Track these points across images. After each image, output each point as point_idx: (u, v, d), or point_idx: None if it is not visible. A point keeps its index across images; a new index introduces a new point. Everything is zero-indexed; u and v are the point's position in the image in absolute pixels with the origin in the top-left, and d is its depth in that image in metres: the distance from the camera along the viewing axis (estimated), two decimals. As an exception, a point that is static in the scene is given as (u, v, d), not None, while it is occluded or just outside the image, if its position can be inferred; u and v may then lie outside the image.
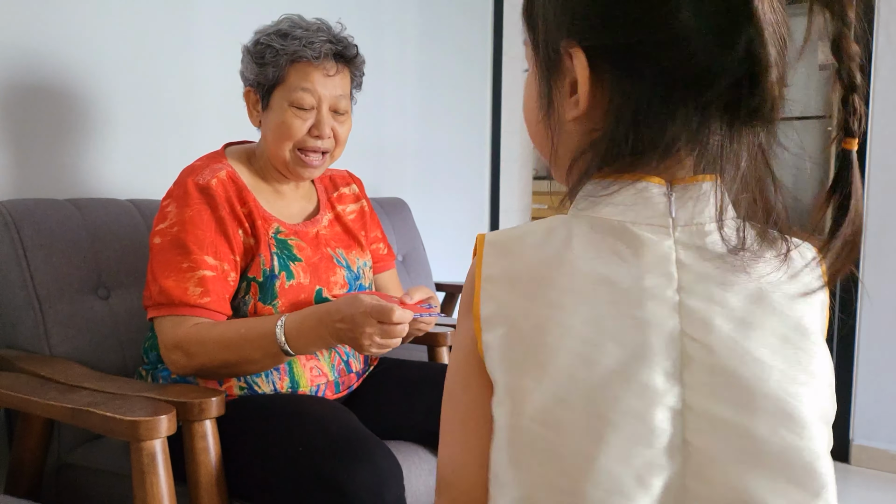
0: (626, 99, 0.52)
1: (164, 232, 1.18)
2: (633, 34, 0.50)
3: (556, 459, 0.49)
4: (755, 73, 0.49)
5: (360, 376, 1.38)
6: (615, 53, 0.52)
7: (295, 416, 1.12)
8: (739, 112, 0.51)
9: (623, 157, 0.53)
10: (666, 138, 0.51)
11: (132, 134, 1.65)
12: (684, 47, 0.49)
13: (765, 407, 0.48)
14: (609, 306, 0.50)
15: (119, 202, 1.50)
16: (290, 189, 1.34)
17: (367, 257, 1.41)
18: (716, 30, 0.48)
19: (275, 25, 1.26)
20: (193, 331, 1.13)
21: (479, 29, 2.88)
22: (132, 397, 1.05)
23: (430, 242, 2.46)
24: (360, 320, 1.06)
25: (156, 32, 1.69)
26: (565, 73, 0.55)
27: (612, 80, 0.52)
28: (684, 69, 0.50)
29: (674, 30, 0.49)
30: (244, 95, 1.31)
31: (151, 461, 0.96)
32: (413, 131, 2.55)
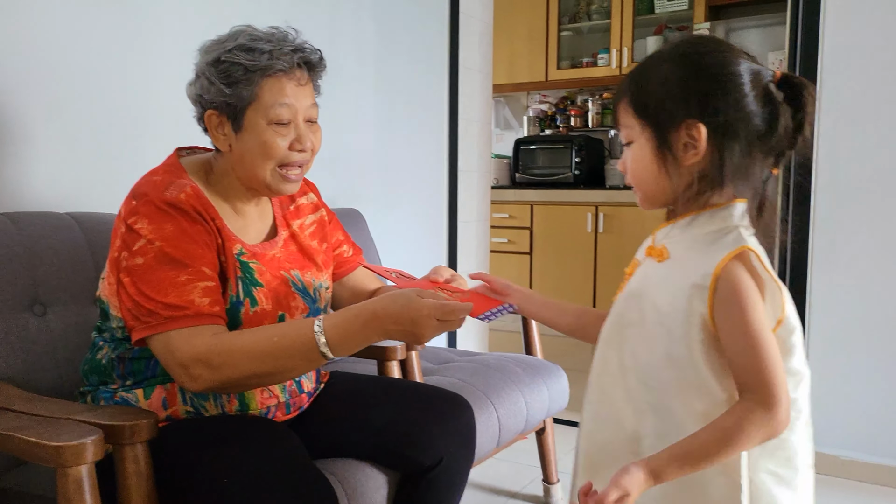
0: (729, 149, 0.88)
1: (143, 250, 1.09)
2: (730, 115, 0.87)
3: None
4: (793, 139, 0.89)
5: (312, 395, 1.36)
6: (723, 126, 0.87)
7: (229, 442, 1.09)
8: (767, 156, 0.90)
9: (720, 186, 0.89)
10: (745, 174, 0.89)
11: (70, 145, 1.61)
12: (755, 122, 0.88)
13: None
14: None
15: (57, 215, 1.45)
16: (251, 208, 1.28)
17: (324, 278, 1.35)
18: (766, 116, 0.88)
19: (231, 40, 1.17)
20: (216, 341, 1.06)
21: (436, 39, 2.88)
22: (61, 420, 1.01)
23: (387, 253, 2.44)
24: (422, 322, 1.03)
25: (95, 42, 1.65)
26: (681, 138, 0.89)
27: (720, 139, 0.88)
28: (757, 133, 0.88)
29: (751, 114, 0.88)
30: (205, 119, 1.20)
31: (77, 488, 0.93)
32: (370, 142, 2.53)
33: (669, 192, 0.91)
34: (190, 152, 1.30)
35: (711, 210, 0.89)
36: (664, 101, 0.89)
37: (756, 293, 0.84)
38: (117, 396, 1.18)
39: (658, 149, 0.90)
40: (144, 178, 1.19)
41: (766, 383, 0.82)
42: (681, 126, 0.88)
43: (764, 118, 0.87)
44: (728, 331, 0.84)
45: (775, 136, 0.87)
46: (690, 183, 0.89)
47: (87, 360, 1.25)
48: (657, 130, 0.90)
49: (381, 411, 1.32)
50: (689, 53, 0.90)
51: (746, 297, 0.83)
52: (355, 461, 1.29)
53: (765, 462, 0.88)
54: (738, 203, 0.89)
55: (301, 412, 1.32)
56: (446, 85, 2.94)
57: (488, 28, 3.22)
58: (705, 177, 0.88)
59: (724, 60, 0.88)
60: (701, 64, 0.88)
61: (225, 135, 1.20)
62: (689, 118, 0.87)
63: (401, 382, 1.44)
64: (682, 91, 0.88)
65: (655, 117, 0.90)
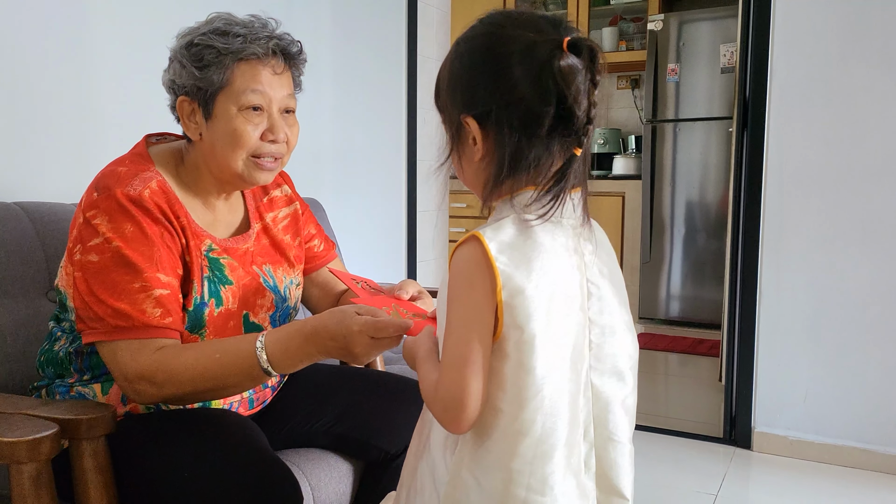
0: (499, 140, 0.81)
1: (100, 248, 1.05)
2: (492, 105, 0.80)
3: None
4: (568, 117, 0.79)
5: (275, 390, 1.34)
6: (487, 116, 0.81)
7: (190, 435, 1.07)
8: (563, 137, 0.81)
9: (505, 177, 0.82)
10: (527, 161, 0.81)
11: (16, 133, 1.55)
12: (521, 107, 0.79)
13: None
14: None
15: (3, 205, 1.40)
16: (221, 201, 1.23)
17: (295, 275, 1.33)
18: (537, 97, 0.79)
19: (207, 25, 1.14)
20: (158, 358, 1.03)
21: (394, 27, 2.86)
22: (13, 416, 0.98)
23: (347, 243, 2.43)
24: (354, 339, 0.98)
25: (42, 28, 1.59)
26: (467, 133, 0.84)
27: (491, 132, 0.82)
28: (524, 117, 0.79)
29: (512, 96, 0.79)
30: (177, 106, 1.16)
31: (33, 484, 0.90)
32: (328, 132, 2.51)
33: (475, 186, 0.87)
34: (160, 139, 1.25)
35: (503, 200, 0.83)
36: (445, 98, 0.86)
37: (470, 284, 0.77)
38: (73, 391, 1.15)
39: (454, 148, 0.87)
40: (110, 166, 1.14)
41: (448, 379, 0.77)
42: (460, 122, 0.83)
43: (540, 99, 0.78)
44: (447, 314, 0.80)
45: (562, 117, 0.78)
46: (485, 177, 0.84)
47: (43, 349, 1.20)
48: (448, 129, 0.87)
49: (343, 401, 1.31)
50: (462, 42, 0.85)
51: (455, 285, 0.79)
52: (319, 451, 1.28)
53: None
54: (524, 192, 0.82)
55: (264, 407, 1.31)
56: (404, 74, 2.92)
57: (446, 17, 3.21)
58: (492, 170, 0.82)
59: (492, 44, 0.81)
60: (469, 53, 0.83)
61: (196, 123, 1.15)
62: (461, 113, 0.83)
63: (363, 371, 1.43)
64: (453, 85, 0.85)
65: (445, 116, 0.87)
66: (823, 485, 2.19)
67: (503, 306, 0.76)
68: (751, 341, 2.44)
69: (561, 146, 0.81)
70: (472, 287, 0.77)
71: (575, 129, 0.79)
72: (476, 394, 0.76)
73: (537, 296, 0.77)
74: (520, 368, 0.77)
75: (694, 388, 3.29)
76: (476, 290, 0.77)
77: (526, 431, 0.77)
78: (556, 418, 0.78)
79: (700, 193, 4.18)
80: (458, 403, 0.76)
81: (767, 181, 2.37)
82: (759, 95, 2.37)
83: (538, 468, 0.78)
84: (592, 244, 0.86)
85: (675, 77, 4.15)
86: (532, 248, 0.78)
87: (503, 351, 0.77)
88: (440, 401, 0.78)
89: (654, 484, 2.20)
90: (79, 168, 1.67)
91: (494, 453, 0.78)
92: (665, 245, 4.27)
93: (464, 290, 0.78)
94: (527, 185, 0.82)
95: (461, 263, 0.79)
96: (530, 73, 0.78)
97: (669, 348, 3.83)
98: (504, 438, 0.78)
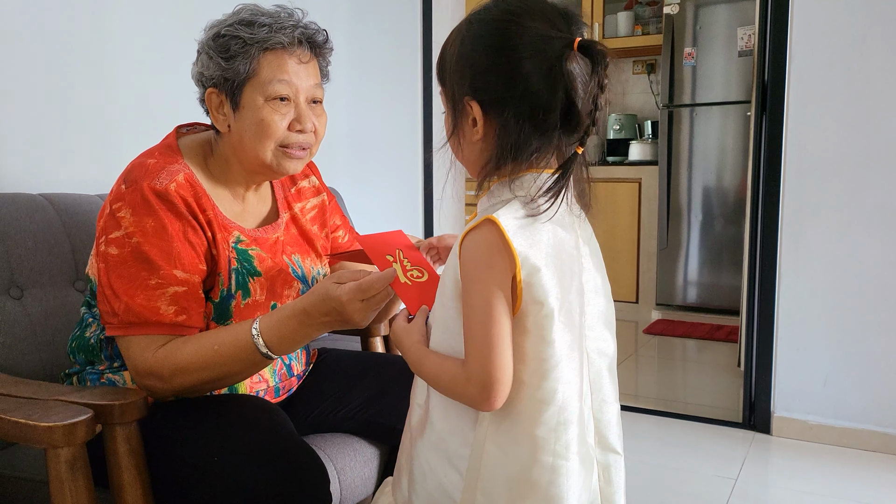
0: (502, 128, 0.83)
1: (120, 242, 1.07)
2: (500, 94, 0.82)
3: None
4: (570, 112, 0.81)
5: (301, 378, 1.36)
6: (493, 103, 0.83)
7: (220, 420, 1.09)
8: (566, 134, 0.83)
9: (506, 162, 0.84)
10: (528, 151, 0.83)
11: (40, 127, 1.58)
12: (528, 100, 0.81)
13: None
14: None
15: (30, 196, 1.43)
16: (250, 192, 1.24)
17: (322, 265, 1.34)
18: (545, 93, 0.81)
19: (234, 16, 1.15)
20: (162, 353, 1.05)
21: (409, 16, 2.86)
22: (48, 402, 1.00)
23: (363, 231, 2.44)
24: (346, 309, 1.00)
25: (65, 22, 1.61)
26: (467, 113, 0.86)
27: (494, 118, 0.84)
28: (532, 111, 0.81)
29: (522, 88, 0.81)
30: (206, 98, 1.17)
31: (70, 468, 0.92)
32: (344, 121, 2.52)
33: (471, 165, 0.90)
34: (190, 129, 1.26)
35: (503, 181, 0.85)
36: (451, 76, 0.87)
37: (488, 267, 0.80)
38: (104, 378, 1.17)
39: (452, 124, 0.88)
40: (139, 158, 1.15)
41: (478, 360, 0.80)
42: (463, 103, 0.85)
43: (547, 95, 0.80)
44: (463, 298, 0.83)
45: (568, 115, 0.81)
46: (482, 158, 0.86)
47: (74, 335, 1.23)
48: (448, 105, 0.88)
49: (368, 387, 1.33)
50: (475, 23, 0.85)
51: (474, 268, 0.81)
52: (344, 436, 1.30)
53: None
54: (524, 175, 0.84)
55: (289, 395, 1.32)
56: (420, 62, 2.92)
57: (461, 4, 3.20)
58: (491, 154, 0.85)
59: (505, 32, 0.82)
60: (481, 36, 0.83)
61: (224, 115, 1.16)
62: (466, 95, 0.85)
63: (386, 357, 1.45)
64: (461, 66, 0.85)
65: (448, 92, 0.88)
66: (843, 468, 2.19)
67: (522, 285, 0.79)
68: (770, 326, 2.43)
69: (564, 142, 0.84)
70: (491, 268, 0.80)
71: (578, 128, 0.82)
72: (509, 369, 0.80)
73: (550, 272, 0.81)
74: (541, 342, 0.81)
75: (712, 373, 3.28)
76: (496, 271, 0.79)
77: (549, 400, 0.82)
78: (571, 386, 0.83)
79: (717, 179, 4.15)
80: (495, 381, 0.79)
81: (787, 165, 2.35)
82: (777, 79, 2.35)
83: (562, 434, 0.83)
84: (577, 211, 0.90)
85: (691, 61, 4.11)
86: (539, 228, 0.82)
87: (523, 326, 0.81)
88: (474, 383, 0.80)
89: (674, 468, 2.21)
90: (101, 160, 1.69)
91: (520, 424, 0.82)
92: (682, 231, 4.25)
93: (483, 272, 0.80)
94: (527, 170, 0.85)
95: (477, 247, 0.81)
96: (540, 69, 0.80)
97: (687, 334, 3.82)
98: (530, 409, 0.82)
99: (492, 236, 0.80)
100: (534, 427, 0.82)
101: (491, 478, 0.83)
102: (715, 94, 4.09)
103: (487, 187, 0.88)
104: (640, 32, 4.67)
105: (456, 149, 0.91)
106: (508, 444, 0.83)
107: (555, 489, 0.82)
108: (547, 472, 0.82)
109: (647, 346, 3.67)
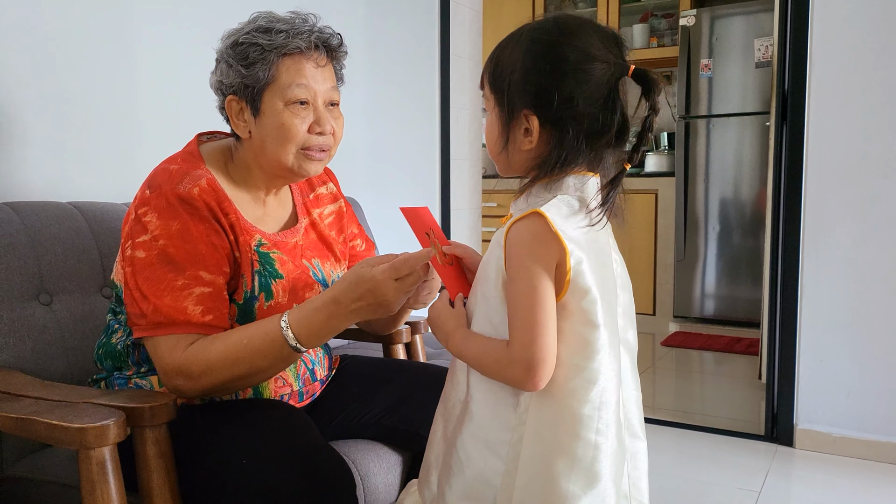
0: (558, 142, 0.90)
1: (147, 245, 1.09)
2: (562, 112, 0.89)
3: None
4: (623, 131, 0.91)
5: (324, 383, 1.36)
6: (554, 120, 0.90)
7: (247, 424, 1.10)
8: (616, 151, 0.92)
9: (555, 171, 0.91)
10: (578, 163, 0.91)
11: (68, 136, 1.60)
12: (587, 120, 0.89)
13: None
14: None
15: (60, 205, 1.45)
16: (271, 196, 1.26)
17: (341, 269, 1.35)
18: (602, 114, 0.89)
19: (250, 24, 1.17)
20: (191, 351, 1.06)
21: (426, 27, 2.88)
22: (78, 404, 1.01)
23: (381, 241, 2.45)
24: (380, 289, 1.02)
25: (92, 33, 1.64)
26: (521, 123, 0.91)
27: (550, 131, 0.90)
28: (589, 129, 0.89)
29: (583, 112, 0.89)
30: (226, 106, 1.19)
31: (101, 470, 0.93)
32: (363, 130, 2.53)
33: (511, 168, 0.96)
34: (210, 137, 1.29)
35: (545, 182, 0.91)
36: (510, 86, 0.91)
37: (533, 255, 0.85)
38: (131, 383, 1.18)
39: (502, 129, 0.93)
40: (163, 164, 1.17)
41: (523, 342, 0.85)
42: (521, 114, 0.91)
43: (603, 116, 0.88)
44: (507, 285, 0.88)
45: (621, 134, 0.89)
46: (529, 164, 0.92)
47: (101, 343, 1.24)
48: (502, 112, 0.93)
49: (392, 393, 1.33)
50: (538, 42, 0.90)
51: (521, 254, 0.86)
52: (368, 442, 1.30)
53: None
54: (570, 176, 0.91)
55: (313, 400, 1.33)
56: (437, 72, 2.94)
57: (478, 16, 3.22)
58: (540, 161, 0.91)
59: (568, 56, 0.88)
60: (545, 56, 0.89)
61: (245, 121, 1.18)
62: (526, 108, 0.90)
63: (409, 364, 1.45)
64: (524, 82, 0.90)
65: (502, 99, 0.92)
66: (868, 481, 2.16)
67: (571, 272, 0.85)
68: (792, 337, 2.41)
69: (613, 158, 0.92)
70: (536, 257, 0.85)
71: (627, 146, 0.91)
72: (553, 351, 0.85)
73: (591, 263, 0.87)
74: (587, 325, 0.87)
75: (732, 385, 3.26)
76: (542, 260, 0.85)
77: (595, 380, 0.87)
78: (611, 369, 0.89)
79: (734, 190, 4.13)
80: (539, 361, 0.84)
81: (808, 175, 2.34)
82: (797, 89, 2.34)
83: (604, 413, 0.88)
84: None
85: (708, 72, 4.11)
86: (578, 221, 0.89)
87: (568, 311, 0.87)
88: (519, 363, 0.85)
89: (696, 481, 2.19)
90: (125, 170, 1.71)
91: (565, 404, 0.87)
92: (699, 242, 4.23)
93: (528, 260, 0.85)
94: (567, 173, 0.91)
95: (524, 235, 0.86)
96: (599, 92, 0.88)
97: (705, 347, 3.80)
98: (576, 388, 0.87)
99: (538, 226, 0.85)
100: (580, 406, 0.87)
101: (531, 457, 0.87)
102: (732, 106, 4.09)
103: (526, 189, 0.93)
104: (655, 45, 4.68)
105: (498, 150, 0.95)
106: (552, 422, 0.87)
107: (597, 466, 0.87)
108: (591, 449, 0.87)
109: (665, 359, 3.65)
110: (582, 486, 0.87)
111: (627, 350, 0.96)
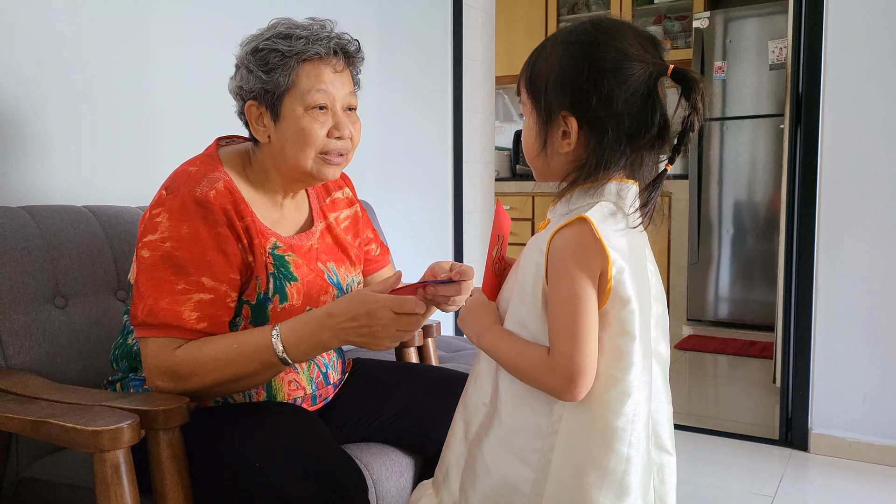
0: (598, 144, 0.89)
1: (154, 245, 1.09)
2: (600, 113, 0.87)
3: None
4: (664, 131, 0.89)
5: (337, 387, 1.37)
6: (593, 121, 0.88)
7: (260, 428, 1.10)
8: (657, 153, 0.91)
9: (594, 174, 0.89)
10: (618, 165, 0.90)
11: (84, 140, 1.62)
12: (626, 121, 0.87)
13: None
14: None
15: (75, 209, 1.46)
16: (287, 200, 1.27)
17: (356, 273, 1.36)
18: (642, 115, 0.88)
19: (270, 30, 1.18)
20: (181, 353, 1.07)
21: (439, 30, 2.89)
22: (93, 407, 1.02)
23: (394, 244, 2.45)
24: (376, 315, 1.02)
25: (108, 36, 1.65)
26: (559, 125, 0.90)
27: (589, 133, 0.89)
28: (629, 130, 0.88)
29: (622, 113, 0.87)
30: (245, 111, 1.20)
31: (115, 472, 0.94)
32: (375, 133, 2.54)
33: (550, 172, 0.95)
34: (229, 141, 1.30)
35: (585, 187, 0.90)
36: (548, 89, 0.91)
37: (578, 262, 0.84)
38: (147, 385, 1.19)
39: (539, 132, 0.93)
40: (182, 166, 1.18)
41: (565, 351, 0.83)
42: (559, 116, 0.90)
43: (642, 117, 0.87)
44: (550, 292, 0.86)
45: (661, 135, 0.88)
46: (568, 167, 0.92)
47: (117, 343, 1.25)
48: (540, 115, 0.92)
49: (404, 397, 1.33)
50: (575, 43, 0.90)
51: (565, 262, 0.84)
52: (380, 446, 1.30)
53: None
54: (611, 182, 0.90)
55: (326, 404, 1.33)
56: (450, 75, 2.95)
57: (490, 19, 3.22)
58: (579, 164, 0.90)
59: (606, 56, 0.87)
60: (583, 57, 0.88)
61: (265, 126, 1.19)
62: (564, 110, 0.89)
63: (421, 367, 1.45)
64: (561, 83, 0.90)
65: (540, 102, 0.92)
66: (883, 487, 2.13)
67: (612, 282, 0.84)
68: (807, 341, 2.39)
69: (653, 159, 0.91)
70: (582, 263, 0.84)
71: (669, 147, 0.89)
72: (595, 361, 0.84)
73: (631, 273, 0.86)
74: (625, 336, 0.86)
75: (746, 389, 3.23)
76: (585, 267, 0.84)
77: (630, 392, 0.86)
78: (643, 381, 0.87)
79: (748, 192, 4.11)
80: (581, 372, 0.83)
81: (822, 177, 2.32)
82: (812, 91, 2.32)
83: (637, 425, 0.87)
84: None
85: (721, 75, 4.09)
86: (619, 231, 0.88)
87: (607, 321, 0.85)
88: (560, 373, 0.84)
89: (710, 485, 2.18)
90: (142, 174, 1.73)
91: (601, 414, 0.86)
92: (713, 245, 4.21)
93: (572, 267, 0.84)
94: (609, 178, 0.90)
95: (569, 242, 0.85)
96: (639, 94, 0.87)
97: (719, 350, 3.77)
98: (612, 400, 0.86)
99: (583, 234, 0.84)
100: (615, 418, 0.85)
101: (562, 467, 0.86)
102: (745, 108, 4.07)
103: (565, 194, 0.92)
104: (668, 47, 4.66)
105: (535, 153, 0.94)
106: (585, 433, 0.86)
107: (628, 479, 0.86)
108: (623, 462, 0.85)
109: (679, 362, 3.63)
110: (612, 499, 0.85)
111: (659, 362, 0.94)
